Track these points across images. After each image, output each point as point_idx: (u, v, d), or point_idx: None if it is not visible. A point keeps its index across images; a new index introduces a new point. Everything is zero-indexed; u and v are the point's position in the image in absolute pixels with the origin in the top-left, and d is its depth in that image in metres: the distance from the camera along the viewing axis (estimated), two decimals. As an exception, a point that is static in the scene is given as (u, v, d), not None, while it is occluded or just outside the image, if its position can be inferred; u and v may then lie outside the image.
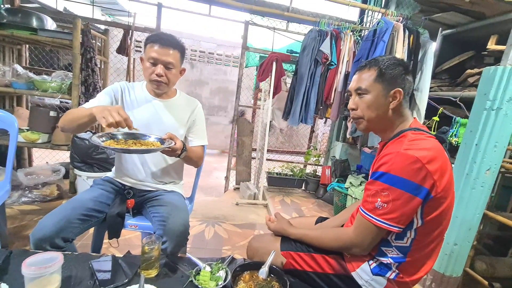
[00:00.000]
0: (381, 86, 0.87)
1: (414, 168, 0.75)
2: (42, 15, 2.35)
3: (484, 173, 1.50)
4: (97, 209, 1.12)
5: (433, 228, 0.82)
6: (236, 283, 0.87)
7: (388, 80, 0.87)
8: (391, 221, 0.78)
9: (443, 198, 0.79)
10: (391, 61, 0.88)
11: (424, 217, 0.80)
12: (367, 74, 0.90)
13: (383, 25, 2.25)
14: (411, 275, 0.86)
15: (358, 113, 0.93)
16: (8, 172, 1.38)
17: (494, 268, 1.58)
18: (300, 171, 3.63)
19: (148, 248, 0.87)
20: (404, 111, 0.91)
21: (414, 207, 0.77)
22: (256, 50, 3.04)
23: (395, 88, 0.86)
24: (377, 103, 0.88)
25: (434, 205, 0.79)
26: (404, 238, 0.84)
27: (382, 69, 0.87)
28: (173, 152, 1.10)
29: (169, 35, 1.17)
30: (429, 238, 0.83)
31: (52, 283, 0.77)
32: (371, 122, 0.91)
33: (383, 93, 0.87)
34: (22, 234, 1.79)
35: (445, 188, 0.79)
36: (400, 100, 0.87)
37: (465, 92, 2.05)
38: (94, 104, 1.14)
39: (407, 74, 0.89)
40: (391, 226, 0.78)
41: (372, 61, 0.91)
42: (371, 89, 0.88)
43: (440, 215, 0.81)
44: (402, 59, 0.93)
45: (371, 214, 0.81)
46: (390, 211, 0.77)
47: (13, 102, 2.69)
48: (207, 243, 2.04)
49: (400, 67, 0.88)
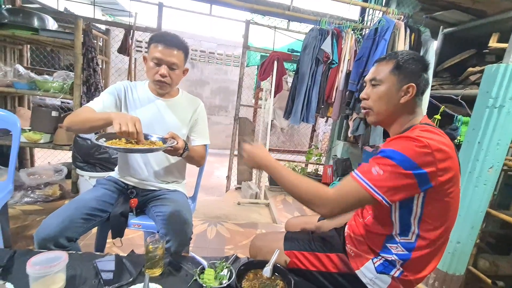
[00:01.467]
0: (396, 79, 0.87)
1: (421, 152, 0.73)
2: (44, 15, 2.35)
3: (487, 171, 1.50)
4: (100, 208, 1.12)
5: (436, 226, 0.81)
6: (240, 282, 0.87)
7: (404, 74, 0.86)
8: (379, 189, 0.74)
9: (445, 193, 0.78)
10: (410, 56, 0.88)
11: (425, 210, 0.79)
12: (384, 65, 0.89)
13: (384, 24, 2.24)
14: (416, 274, 0.86)
15: (368, 103, 0.92)
16: (11, 172, 1.38)
17: (497, 266, 1.57)
18: (302, 170, 3.63)
19: (152, 247, 0.87)
20: (416, 108, 0.89)
21: (407, 185, 0.74)
22: (257, 49, 3.04)
23: (409, 83, 0.85)
24: (388, 96, 0.88)
25: (435, 197, 0.78)
26: (409, 234, 0.83)
27: (400, 62, 0.87)
28: (176, 151, 1.10)
29: (173, 35, 1.17)
30: (433, 235, 0.82)
31: (56, 282, 0.77)
32: (380, 114, 0.91)
33: (396, 87, 0.87)
34: (24, 234, 1.80)
35: (449, 183, 0.77)
36: (412, 96, 0.86)
37: (467, 90, 2.05)
38: (98, 103, 1.14)
39: (425, 71, 0.88)
40: (377, 194, 0.74)
41: (392, 53, 0.91)
42: (385, 81, 0.88)
43: (443, 211, 0.80)
44: (423, 56, 0.92)
45: (363, 177, 0.77)
46: (383, 180, 0.74)
47: (14, 103, 2.70)
48: (209, 243, 2.04)
49: (419, 64, 0.87)
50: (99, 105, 1.13)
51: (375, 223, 0.91)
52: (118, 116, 0.97)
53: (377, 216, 0.91)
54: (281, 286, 0.87)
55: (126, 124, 0.93)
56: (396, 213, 0.84)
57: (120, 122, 0.93)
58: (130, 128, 0.93)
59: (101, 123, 1.02)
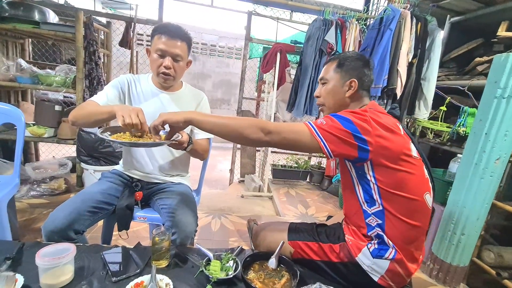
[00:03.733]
0: (339, 75, 0.99)
1: (359, 118, 0.82)
2: (44, 8, 2.33)
3: (494, 162, 1.48)
4: (106, 201, 1.13)
5: (399, 203, 0.85)
6: (246, 273, 0.88)
7: (346, 70, 0.98)
8: (320, 130, 0.82)
9: (392, 164, 0.82)
10: (350, 54, 1.01)
11: (377, 176, 0.84)
12: (330, 65, 1.02)
13: (390, 13, 2.19)
14: (407, 252, 0.88)
15: (320, 100, 1.05)
16: (17, 166, 1.39)
17: (502, 257, 1.57)
18: (305, 163, 3.63)
19: (159, 238, 0.88)
20: (362, 99, 1.01)
21: (345, 141, 0.80)
22: (260, 41, 3.00)
23: (351, 79, 0.97)
24: (334, 91, 1.00)
25: (382, 164, 0.82)
26: (375, 202, 0.88)
27: (341, 60, 1.00)
28: (180, 145, 1.10)
29: (176, 26, 1.15)
30: (399, 213, 0.85)
31: (65, 274, 0.78)
32: (330, 108, 1.02)
33: (340, 82, 0.99)
34: (32, 227, 1.82)
35: (389, 151, 0.81)
36: (355, 89, 0.97)
37: (474, 81, 2.02)
38: (102, 97, 1.13)
39: (365, 67, 0.99)
40: (317, 134, 0.81)
41: (336, 55, 1.05)
42: (331, 78, 1.01)
43: (398, 184, 0.84)
44: (363, 55, 1.03)
45: (310, 122, 0.85)
46: (324, 126, 0.82)
47: (18, 97, 2.70)
48: (214, 235, 2.06)
49: (359, 61, 0.99)
50: (103, 99, 1.13)
51: (346, 199, 0.99)
52: (121, 109, 0.96)
53: (344, 184, 0.99)
54: (286, 277, 0.88)
55: (129, 116, 0.92)
56: (355, 180, 0.91)
57: (123, 115, 0.92)
58: (133, 120, 0.92)
59: (105, 116, 1.02)
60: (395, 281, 0.89)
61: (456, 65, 2.37)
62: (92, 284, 0.79)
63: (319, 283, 0.80)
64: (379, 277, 0.89)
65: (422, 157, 0.91)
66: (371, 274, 0.89)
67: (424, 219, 0.90)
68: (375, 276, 0.89)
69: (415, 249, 0.90)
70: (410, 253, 0.89)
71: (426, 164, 0.93)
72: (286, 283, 0.85)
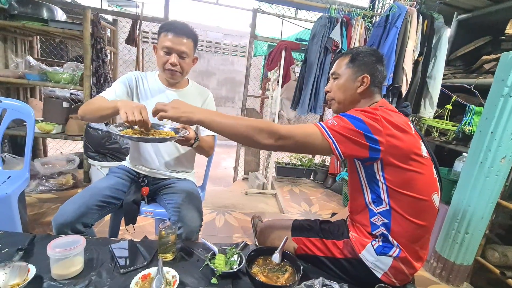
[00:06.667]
0: (351, 71, 0.97)
1: (369, 117, 0.80)
2: (52, 6, 2.36)
3: (499, 161, 1.48)
4: (114, 196, 1.15)
5: (407, 203, 0.84)
6: (250, 267, 0.89)
7: (358, 66, 0.96)
8: (331, 131, 0.80)
9: (402, 163, 0.81)
10: (364, 49, 0.98)
11: (386, 175, 0.83)
12: (342, 60, 1.00)
13: (396, 10, 2.17)
14: (411, 251, 0.88)
15: (331, 95, 1.03)
16: (27, 161, 1.43)
17: (506, 257, 1.56)
18: (309, 161, 3.63)
19: (165, 232, 0.90)
20: (374, 96, 0.98)
21: (357, 142, 0.79)
22: (265, 39, 3.00)
23: (363, 74, 0.95)
24: (345, 87, 0.98)
25: (392, 163, 0.81)
26: (382, 202, 0.87)
27: (354, 55, 0.97)
28: (187, 141, 1.12)
29: (182, 23, 1.17)
30: (406, 212, 0.85)
31: (75, 265, 0.81)
32: (340, 103, 1.01)
33: (352, 78, 0.96)
34: (41, 221, 1.86)
35: (400, 150, 0.81)
36: (367, 85, 0.95)
37: (480, 79, 1.99)
38: (110, 93, 1.15)
39: (378, 63, 0.96)
40: (329, 137, 0.80)
41: (349, 49, 1.01)
42: (342, 73, 0.99)
43: (406, 182, 0.83)
44: (377, 50, 1.00)
45: (320, 122, 0.85)
46: (336, 127, 0.81)
47: (27, 94, 2.75)
48: (218, 231, 2.08)
49: (372, 56, 0.96)
50: (112, 95, 1.15)
51: (353, 198, 0.98)
52: (124, 104, 0.97)
53: (352, 184, 0.98)
54: (289, 271, 0.89)
55: (132, 114, 0.93)
56: (364, 180, 0.90)
57: (126, 111, 0.93)
58: (136, 117, 0.93)
59: (110, 111, 1.04)
60: (398, 278, 0.90)
61: (462, 63, 2.34)
62: (101, 275, 0.81)
63: (322, 278, 0.81)
64: (382, 273, 0.89)
65: (432, 156, 0.90)
66: (374, 271, 0.90)
67: (431, 218, 0.90)
68: (378, 272, 0.89)
69: (420, 248, 0.90)
70: (415, 252, 0.89)
71: (435, 164, 0.91)
72: (290, 278, 0.87)
